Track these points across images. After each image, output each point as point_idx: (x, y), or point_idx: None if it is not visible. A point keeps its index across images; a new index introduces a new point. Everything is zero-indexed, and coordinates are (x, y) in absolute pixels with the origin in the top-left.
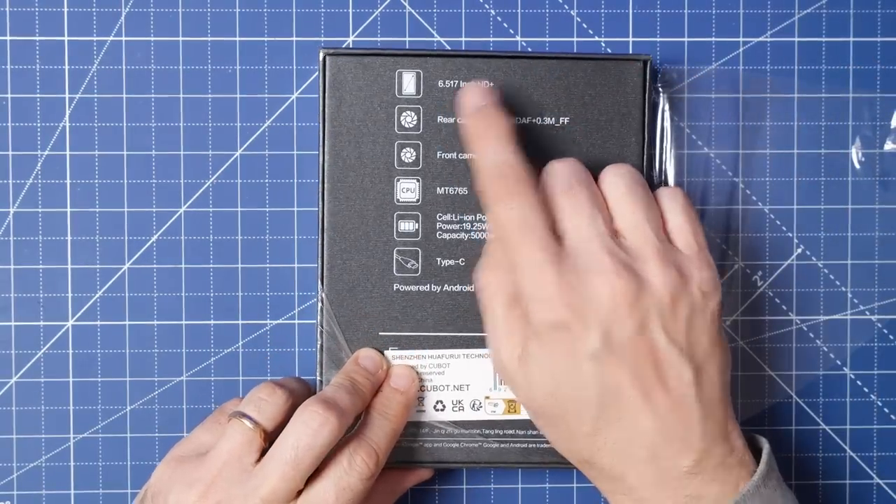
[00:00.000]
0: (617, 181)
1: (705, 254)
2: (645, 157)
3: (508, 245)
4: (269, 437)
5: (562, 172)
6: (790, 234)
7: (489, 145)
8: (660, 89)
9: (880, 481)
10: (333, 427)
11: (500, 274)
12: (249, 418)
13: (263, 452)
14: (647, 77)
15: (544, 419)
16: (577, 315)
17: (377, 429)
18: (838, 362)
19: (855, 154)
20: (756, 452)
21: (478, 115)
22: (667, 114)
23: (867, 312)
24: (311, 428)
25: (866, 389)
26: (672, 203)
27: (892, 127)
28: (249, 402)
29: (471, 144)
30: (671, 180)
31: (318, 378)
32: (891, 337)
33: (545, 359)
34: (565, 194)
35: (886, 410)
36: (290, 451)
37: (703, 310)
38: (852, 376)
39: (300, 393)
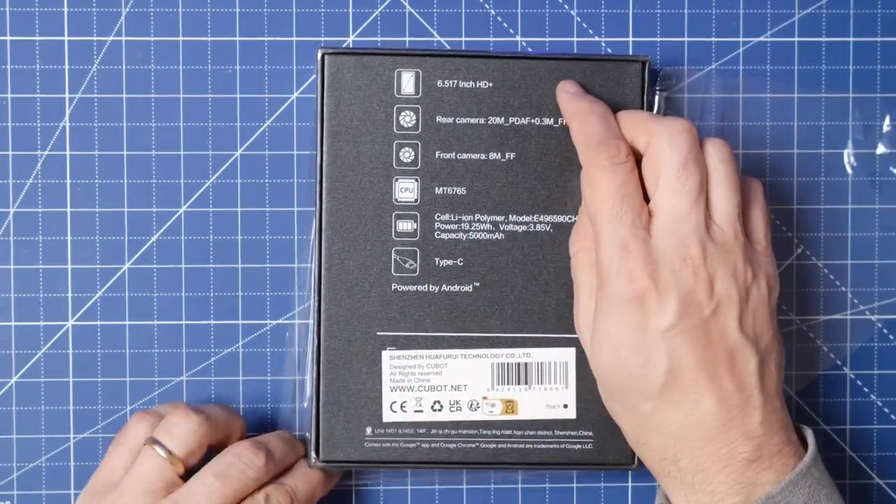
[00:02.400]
0: (721, 168)
1: (770, 250)
2: None
3: (599, 214)
4: (184, 463)
5: (680, 146)
6: (790, 234)
7: (595, 119)
8: (657, 90)
9: (880, 481)
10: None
11: (587, 243)
12: (161, 444)
13: (182, 476)
14: (646, 78)
15: (609, 392)
16: (657, 290)
17: (299, 476)
18: (838, 362)
19: (846, 158)
20: (802, 442)
21: (582, 96)
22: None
23: (867, 312)
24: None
25: (866, 389)
26: (754, 199)
27: (883, 131)
28: (161, 429)
29: (573, 118)
30: None
31: (308, 377)
32: (891, 337)
33: (615, 331)
34: (679, 174)
35: (886, 410)
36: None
37: (767, 304)
38: (852, 376)
39: (218, 418)
